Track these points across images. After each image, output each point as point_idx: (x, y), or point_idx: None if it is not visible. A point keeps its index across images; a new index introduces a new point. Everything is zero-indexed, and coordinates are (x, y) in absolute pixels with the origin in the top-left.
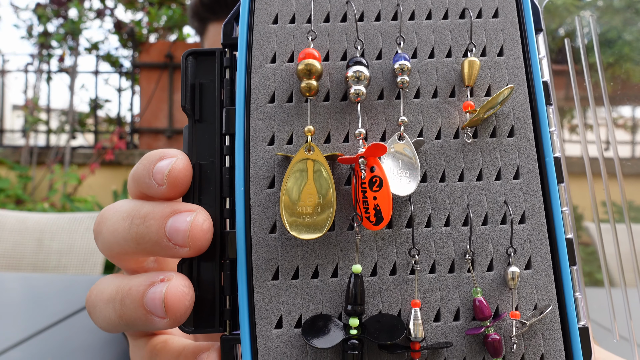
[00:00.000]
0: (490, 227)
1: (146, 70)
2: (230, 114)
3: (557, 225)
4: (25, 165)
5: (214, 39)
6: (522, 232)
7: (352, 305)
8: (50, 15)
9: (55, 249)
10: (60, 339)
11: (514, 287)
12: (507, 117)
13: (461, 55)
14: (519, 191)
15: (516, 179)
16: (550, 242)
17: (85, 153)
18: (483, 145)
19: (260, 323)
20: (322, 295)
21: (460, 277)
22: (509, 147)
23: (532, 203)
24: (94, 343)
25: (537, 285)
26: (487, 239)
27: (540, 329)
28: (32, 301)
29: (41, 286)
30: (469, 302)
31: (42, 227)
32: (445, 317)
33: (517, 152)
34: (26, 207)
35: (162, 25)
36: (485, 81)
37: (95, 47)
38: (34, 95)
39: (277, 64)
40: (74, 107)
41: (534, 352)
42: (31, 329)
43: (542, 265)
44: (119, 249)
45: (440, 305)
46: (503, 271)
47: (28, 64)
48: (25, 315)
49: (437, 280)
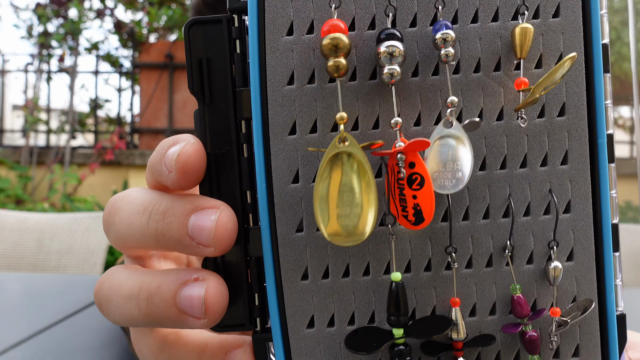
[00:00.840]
0: (532, 218)
1: (146, 70)
2: (244, 96)
3: (604, 213)
4: (25, 165)
5: None
6: (566, 222)
7: (396, 316)
8: (50, 15)
9: (55, 249)
10: (60, 339)
11: (555, 283)
12: (559, 93)
13: (510, 18)
14: (565, 178)
15: (564, 165)
16: (595, 231)
17: (85, 153)
18: (529, 128)
19: (291, 324)
20: (355, 295)
21: (498, 272)
22: (559, 128)
23: (579, 191)
24: (94, 343)
25: (578, 277)
26: (528, 232)
27: (577, 322)
28: (32, 301)
29: (41, 286)
30: (506, 296)
31: (42, 227)
32: (480, 312)
33: (566, 134)
34: (26, 207)
35: (162, 25)
36: (537, 50)
37: (95, 47)
38: (34, 95)
39: (295, 37)
40: (74, 107)
41: (569, 344)
42: (31, 329)
43: (585, 257)
44: (136, 244)
45: (476, 301)
46: (543, 265)
47: (28, 64)
48: (25, 315)
49: (474, 276)
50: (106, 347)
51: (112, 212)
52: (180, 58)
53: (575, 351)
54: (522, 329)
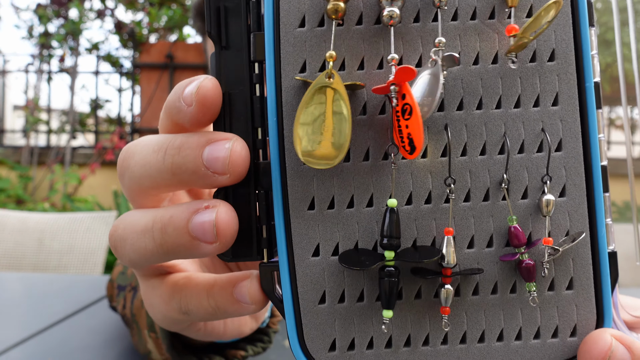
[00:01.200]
0: (526, 155)
1: (146, 70)
2: (258, 39)
3: (593, 153)
4: (25, 166)
5: None
6: (558, 159)
7: (388, 239)
8: (50, 15)
9: (55, 249)
10: (61, 339)
11: (548, 214)
12: (549, 40)
13: None
14: (556, 118)
15: (554, 106)
16: (585, 170)
17: (85, 153)
18: (522, 71)
19: (297, 251)
20: (358, 225)
21: (495, 205)
22: (549, 72)
23: (570, 130)
24: (94, 343)
25: (570, 212)
26: (523, 167)
27: (570, 255)
28: (33, 301)
29: (42, 286)
30: (503, 229)
31: (43, 227)
32: (478, 244)
33: (556, 78)
34: (27, 207)
35: (162, 25)
36: (527, 1)
37: (96, 48)
38: (35, 95)
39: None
40: (75, 108)
41: (563, 277)
42: (31, 329)
43: (576, 192)
44: (151, 183)
45: (474, 233)
46: (537, 199)
47: (29, 64)
48: (26, 315)
49: (472, 209)
50: (106, 347)
51: (126, 157)
52: (180, 58)
53: (569, 284)
54: (519, 257)
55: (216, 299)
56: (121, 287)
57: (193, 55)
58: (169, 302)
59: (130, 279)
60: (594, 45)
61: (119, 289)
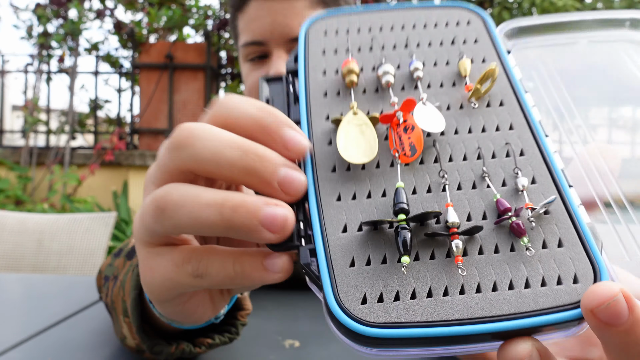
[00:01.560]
0: (498, 159)
1: (146, 70)
2: (295, 109)
3: (547, 151)
4: (25, 166)
5: (254, 15)
6: (523, 160)
7: (399, 205)
8: (50, 15)
9: (55, 249)
10: (60, 340)
11: (525, 189)
12: (497, 95)
13: (456, 60)
14: (515, 136)
15: (511, 130)
16: (545, 164)
17: (85, 154)
18: (483, 111)
19: (329, 230)
20: (377, 209)
21: (482, 191)
22: (502, 111)
23: (526, 141)
24: (94, 344)
25: (542, 192)
26: (497, 166)
27: (553, 220)
28: (32, 302)
29: (41, 287)
30: (492, 206)
31: (42, 228)
32: (475, 217)
33: (508, 115)
34: (26, 208)
35: (162, 25)
36: (476, 73)
37: (95, 48)
38: (34, 95)
39: (327, 75)
40: (74, 108)
41: (552, 237)
42: (31, 330)
43: (544, 180)
44: (215, 170)
45: (469, 210)
46: (514, 184)
47: (28, 64)
48: (25, 316)
49: (464, 194)
50: (106, 348)
51: (189, 136)
52: (180, 58)
53: (559, 243)
54: (509, 220)
55: (244, 265)
56: (107, 277)
57: (193, 55)
58: (182, 265)
59: (115, 270)
60: (523, 86)
61: (105, 279)
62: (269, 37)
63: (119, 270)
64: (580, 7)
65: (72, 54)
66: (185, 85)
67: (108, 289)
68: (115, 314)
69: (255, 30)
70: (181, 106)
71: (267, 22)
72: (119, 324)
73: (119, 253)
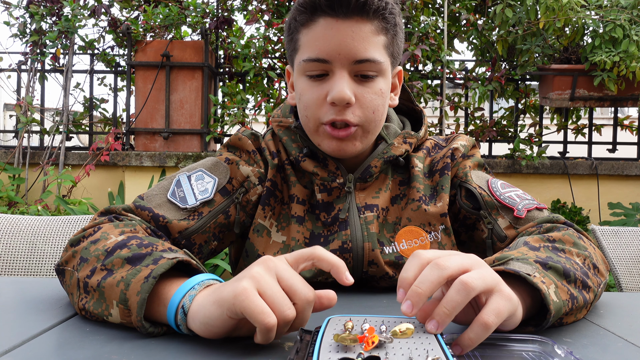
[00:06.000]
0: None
1: (142, 69)
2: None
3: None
4: (18, 167)
5: (321, 34)
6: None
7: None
8: (43, 12)
9: (48, 252)
10: (54, 344)
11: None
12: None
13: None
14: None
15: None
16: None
17: (80, 154)
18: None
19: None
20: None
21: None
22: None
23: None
24: (88, 348)
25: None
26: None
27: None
28: (25, 306)
29: (34, 290)
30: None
31: (35, 230)
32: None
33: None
34: (19, 210)
35: (158, 23)
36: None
37: (90, 46)
38: (27, 94)
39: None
40: (69, 107)
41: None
42: (25, 334)
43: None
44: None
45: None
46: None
47: (21, 62)
48: (19, 320)
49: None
50: (101, 352)
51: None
52: (177, 57)
53: None
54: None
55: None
56: (84, 259)
57: (190, 53)
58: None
59: (93, 255)
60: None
61: (82, 260)
62: (334, 57)
63: (104, 264)
64: (585, 5)
65: (66, 52)
66: (183, 84)
67: (84, 268)
68: (102, 298)
69: (322, 48)
70: (178, 106)
71: (335, 42)
72: (107, 304)
73: (95, 242)
